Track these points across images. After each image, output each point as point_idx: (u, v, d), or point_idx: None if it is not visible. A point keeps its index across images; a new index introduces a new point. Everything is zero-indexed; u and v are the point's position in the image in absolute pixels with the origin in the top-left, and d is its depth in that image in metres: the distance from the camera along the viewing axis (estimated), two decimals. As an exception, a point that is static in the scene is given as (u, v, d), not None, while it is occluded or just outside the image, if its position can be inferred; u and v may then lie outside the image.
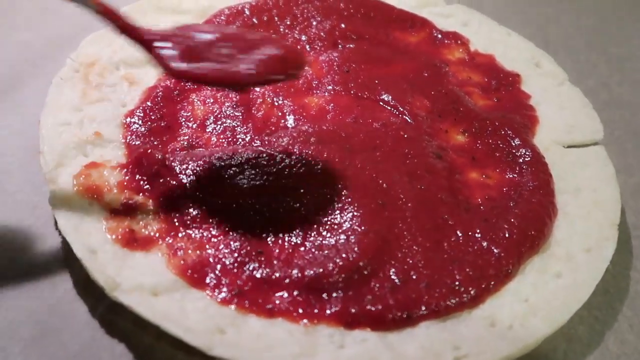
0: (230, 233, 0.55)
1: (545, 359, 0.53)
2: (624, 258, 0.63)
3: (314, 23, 0.83)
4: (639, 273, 0.62)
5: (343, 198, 0.59)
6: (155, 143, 0.63)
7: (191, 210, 0.56)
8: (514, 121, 0.71)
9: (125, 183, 0.57)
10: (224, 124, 0.66)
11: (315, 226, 0.56)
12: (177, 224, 0.55)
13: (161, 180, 0.57)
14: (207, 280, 0.51)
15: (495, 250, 0.56)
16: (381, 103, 0.72)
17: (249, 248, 0.54)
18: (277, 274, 0.52)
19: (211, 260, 0.52)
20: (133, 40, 0.52)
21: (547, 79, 0.79)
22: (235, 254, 0.53)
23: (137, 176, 0.57)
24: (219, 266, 0.52)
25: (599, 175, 0.66)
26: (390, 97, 0.73)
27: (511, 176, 0.66)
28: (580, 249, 0.58)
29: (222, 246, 0.54)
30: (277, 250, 0.54)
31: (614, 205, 0.62)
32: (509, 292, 0.54)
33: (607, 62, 0.89)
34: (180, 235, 0.54)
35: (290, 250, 0.54)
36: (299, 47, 0.79)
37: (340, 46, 0.80)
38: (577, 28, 0.96)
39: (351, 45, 0.80)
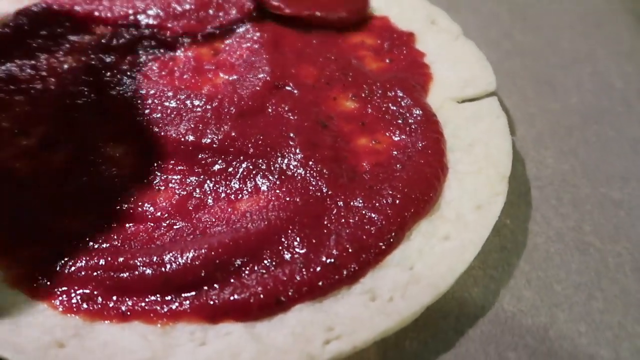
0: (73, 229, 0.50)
1: (436, 327, 0.50)
2: (523, 211, 0.60)
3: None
4: (538, 225, 0.59)
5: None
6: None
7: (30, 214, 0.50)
8: (405, 81, 0.67)
9: None
10: None
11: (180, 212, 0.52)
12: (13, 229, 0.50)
13: None
14: (49, 289, 0.46)
15: (375, 219, 0.52)
16: (261, 76, 0.67)
17: (97, 245, 0.49)
18: (133, 272, 0.47)
19: (53, 265, 0.47)
20: None
21: (442, 35, 0.75)
22: (81, 254, 0.48)
23: None
24: (63, 270, 0.47)
25: (492, 127, 0.62)
26: (269, 69, 0.68)
27: (400, 138, 0.62)
28: (470, 207, 0.54)
29: (64, 247, 0.48)
30: (133, 244, 0.49)
31: (505, 158, 0.59)
32: (393, 261, 0.50)
33: (509, 11, 0.86)
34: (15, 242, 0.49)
35: (147, 242, 0.49)
36: None
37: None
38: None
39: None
